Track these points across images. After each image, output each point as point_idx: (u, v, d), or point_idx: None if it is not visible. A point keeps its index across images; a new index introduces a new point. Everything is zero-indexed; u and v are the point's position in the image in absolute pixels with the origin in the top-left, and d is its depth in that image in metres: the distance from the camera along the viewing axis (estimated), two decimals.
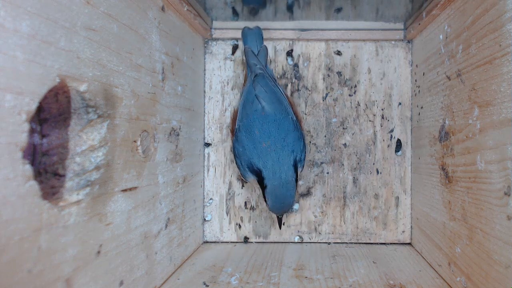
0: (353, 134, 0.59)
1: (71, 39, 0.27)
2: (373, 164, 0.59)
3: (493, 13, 0.33)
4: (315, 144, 0.60)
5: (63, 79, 0.26)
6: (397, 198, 0.59)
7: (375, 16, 0.60)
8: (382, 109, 0.59)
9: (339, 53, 0.60)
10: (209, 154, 0.60)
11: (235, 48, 0.60)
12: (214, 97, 0.60)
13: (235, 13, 0.61)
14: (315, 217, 0.60)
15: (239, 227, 0.60)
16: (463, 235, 0.39)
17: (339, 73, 0.60)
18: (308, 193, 0.60)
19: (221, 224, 0.60)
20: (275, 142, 0.49)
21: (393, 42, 0.59)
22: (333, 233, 0.59)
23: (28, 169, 0.23)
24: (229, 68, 0.60)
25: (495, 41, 0.32)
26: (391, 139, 0.59)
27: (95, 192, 0.30)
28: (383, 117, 0.59)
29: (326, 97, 0.60)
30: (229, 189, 0.60)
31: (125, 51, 0.34)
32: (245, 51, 0.54)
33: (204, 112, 0.60)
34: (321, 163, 0.60)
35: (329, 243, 0.59)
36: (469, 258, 0.38)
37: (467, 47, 0.38)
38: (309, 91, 0.60)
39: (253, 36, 0.56)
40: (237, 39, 0.60)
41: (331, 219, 0.59)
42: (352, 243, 0.59)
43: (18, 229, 0.23)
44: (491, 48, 0.33)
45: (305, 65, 0.60)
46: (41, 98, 0.24)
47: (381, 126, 0.59)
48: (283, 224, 0.58)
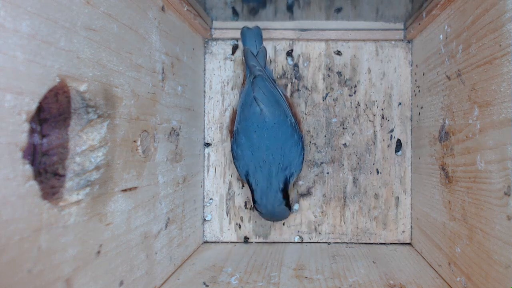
0: (353, 134, 0.59)
1: (71, 39, 0.27)
2: (373, 164, 0.59)
3: (493, 13, 0.33)
4: (315, 144, 0.60)
5: (63, 79, 0.26)
6: (397, 198, 0.59)
7: (375, 16, 0.60)
8: (382, 109, 0.59)
9: (339, 53, 0.60)
10: (209, 154, 0.60)
11: (235, 48, 0.60)
12: (214, 97, 0.60)
13: (235, 13, 0.61)
14: (315, 217, 0.60)
15: (239, 227, 0.60)
16: (463, 235, 0.39)
17: (339, 73, 0.60)
18: (308, 193, 0.60)
19: (221, 224, 0.60)
20: (272, 152, 0.50)
21: (393, 42, 0.59)
22: (333, 233, 0.59)
23: (28, 169, 0.23)
24: (229, 68, 0.60)
25: (495, 41, 0.32)
26: (391, 139, 0.59)
27: (95, 192, 0.30)
28: (383, 117, 0.59)
29: (326, 97, 0.60)
30: (229, 189, 0.60)
31: (125, 51, 0.34)
32: (244, 52, 0.54)
33: (204, 112, 0.60)
34: (321, 163, 0.60)
35: (329, 243, 0.59)
36: (469, 258, 0.38)
37: (467, 47, 0.38)
38: (309, 91, 0.60)
39: (252, 36, 0.55)
40: (237, 39, 0.60)
41: (331, 219, 0.59)
42: (352, 243, 0.59)
43: (18, 229, 0.23)
44: (491, 48, 0.33)
45: (305, 65, 0.60)
46: (41, 98, 0.24)
47: (381, 126, 0.59)
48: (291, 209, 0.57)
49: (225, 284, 0.44)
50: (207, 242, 0.60)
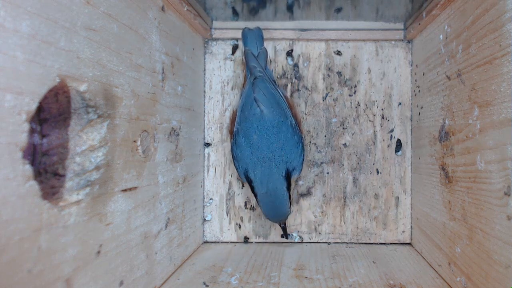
0: (353, 134, 0.59)
1: (71, 39, 0.27)
2: (373, 164, 0.59)
3: (493, 13, 0.33)
4: (315, 144, 0.60)
5: (63, 79, 0.26)
6: (397, 198, 0.59)
7: (375, 16, 0.60)
8: (382, 109, 0.59)
9: (339, 53, 0.60)
10: (209, 154, 0.60)
11: (235, 48, 0.60)
12: (214, 97, 0.60)
13: (235, 13, 0.61)
14: (315, 217, 0.60)
15: (239, 227, 0.60)
16: (463, 235, 0.39)
17: (339, 73, 0.60)
18: (308, 193, 0.60)
19: (221, 224, 0.60)
20: (272, 150, 0.50)
21: (393, 42, 0.59)
22: (333, 233, 0.59)
23: (28, 169, 0.23)
24: (229, 68, 0.60)
25: (495, 41, 0.32)
26: (391, 139, 0.59)
27: (95, 192, 0.30)
28: (383, 117, 0.59)
29: (326, 97, 0.60)
30: (229, 189, 0.60)
31: (125, 51, 0.34)
32: (245, 53, 0.54)
33: (204, 112, 0.60)
34: (321, 163, 0.60)
35: (329, 243, 0.59)
36: (469, 258, 0.38)
37: (467, 47, 0.38)
38: (309, 91, 0.60)
39: (253, 37, 0.55)
40: (237, 39, 0.60)
41: (331, 219, 0.59)
42: (352, 243, 0.59)
43: (18, 229, 0.23)
44: (491, 48, 0.33)
45: (305, 65, 0.60)
46: (41, 98, 0.24)
47: (381, 126, 0.59)
48: (287, 233, 0.55)
49: (225, 284, 0.44)
50: (207, 242, 0.60)
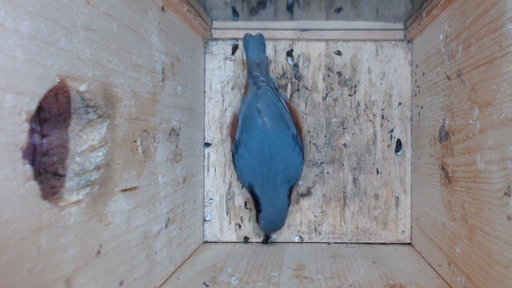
0: (353, 134, 0.59)
1: (71, 39, 0.27)
2: (373, 164, 0.59)
3: (493, 13, 0.33)
4: (315, 144, 0.60)
5: (63, 79, 0.26)
6: (397, 198, 0.59)
7: (375, 16, 0.60)
8: (382, 109, 0.59)
9: (339, 53, 0.60)
10: (209, 154, 0.60)
11: (235, 48, 0.60)
12: (214, 97, 0.60)
13: (235, 13, 0.61)
14: (315, 217, 0.60)
15: (239, 227, 0.60)
16: (463, 235, 0.39)
17: (339, 73, 0.60)
18: (308, 193, 0.60)
19: (221, 224, 0.60)
20: (275, 166, 0.51)
21: (393, 42, 0.59)
22: (333, 233, 0.59)
23: (28, 169, 0.23)
24: (229, 68, 0.60)
25: (495, 41, 0.32)
26: (391, 139, 0.59)
27: (95, 192, 0.30)
28: (383, 117, 0.59)
29: (326, 97, 0.60)
30: (229, 189, 0.60)
31: (125, 51, 0.34)
32: (248, 63, 0.54)
33: (204, 112, 0.60)
34: (321, 163, 0.60)
35: (329, 243, 0.59)
36: (469, 258, 0.38)
37: (467, 47, 0.38)
38: (309, 91, 0.60)
39: (255, 44, 0.55)
40: (237, 39, 0.60)
41: (331, 219, 0.59)
42: (352, 243, 0.59)
43: (18, 229, 0.23)
44: (491, 48, 0.33)
45: (305, 65, 0.60)
46: (41, 98, 0.24)
47: (381, 126, 0.59)
48: (269, 240, 0.60)
49: (225, 284, 0.44)
50: (207, 242, 0.60)
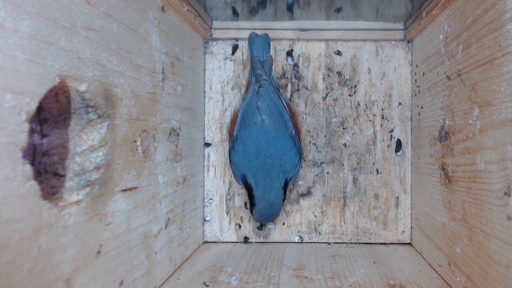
0: (353, 134, 0.59)
1: (71, 39, 0.27)
2: (373, 164, 0.59)
3: (493, 13, 0.33)
4: (315, 144, 0.60)
5: (63, 79, 0.26)
6: (397, 198, 0.59)
7: (375, 16, 0.60)
8: (382, 109, 0.59)
9: (339, 53, 0.60)
10: (209, 154, 0.60)
11: (235, 48, 0.60)
12: (214, 97, 0.60)
13: (235, 13, 0.61)
14: (315, 217, 0.60)
15: (239, 227, 0.60)
16: (463, 235, 0.39)
17: (339, 73, 0.60)
18: (308, 193, 0.60)
19: (221, 224, 0.60)
20: (271, 161, 0.51)
21: (393, 42, 0.59)
22: (333, 233, 0.59)
23: (28, 169, 0.23)
24: (229, 68, 0.60)
25: (495, 41, 0.32)
26: (391, 139, 0.59)
27: (95, 192, 0.30)
28: (383, 117, 0.59)
29: (326, 97, 0.60)
30: (229, 189, 0.60)
31: (125, 51, 0.34)
32: (252, 60, 0.54)
33: (204, 112, 0.60)
34: (321, 163, 0.60)
35: (329, 243, 0.59)
36: (469, 258, 0.38)
37: (467, 47, 0.38)
38: (309, 91, 0.60)
39: (260, 43, 0.55)
40: (237, 39, 0.60)
41: (331, 219, 0.59)
42: (352, 243, 0.59)
43: (18, 229, 0.23)
44: (491, 48, 0.33)
45: (305, 65, 0.60)
46: (41, 98, 0.24)
47: (381, 126, 0.59)
48: (263, 227, 0.60)
49: (225, 284, 0.44)
50: (207, 242, 0.60)
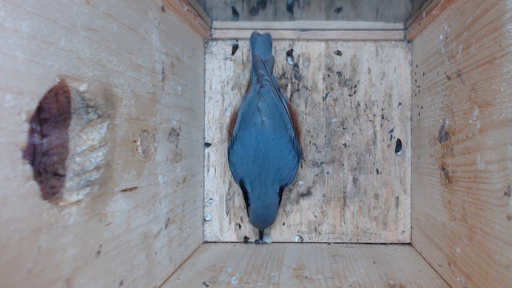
0: (353, 134, 0.59)
1: (71, 39, 0.27)
2: (373, 164, 0.59)
3: (493, 13, 0.33)
4: (315, 144, 0.60)
5: (63, 79, 0.26)
6: (397, 198, 0.59)
7: (375, 16, 0.60)
8: (382, 109, 0.59)
9: (339, 53, 0.60)
10: (209, 154, 0.60)
11: (235, 48, 0.60)
12: (214, 97, 0.60)
13: (235, 13, 0.61)
14: (315, 217, 0.60)
15: (239, 227, 0.60)
16: (463, 235, 0.39)
17: (339, 73, 0.60)
18: (308, 193, 0.60)
19: (221, 224, 0.60)
20: (268, 165, 0.51)
21: (393, 42, 0.59)
22: (333, 233, 0.59)
23: (28, 169, 0.23)
24: (229, 68, 0.60)
25: (495, 41, 0.32)
26: (391, 139, 0.59)
27: (95, 192, 0.30)
28: (383, 117, 0.59)
29: (326, 97, 0.60)
30: (229, 189, 0.60)
31: (125, 51, 0.34)
32: (254, 60, 0.53)
33: (204, 112, 0.60)
34: (321, 163, 0.60)
35: (329, 243, 0.59)
36: (469, 258, 0.38)
37: (467, 47, 0.38)
38: (309, 91, 0.60)
39: (262, 43, 0.55)
40: (237, 39, 0.60)
41: (331, 219, 0.59)
42: (352, 243, 0.59)
43: (18, 229, 0.23)
44: (491, 48, 0.33)
45: (305, 65, 0.60)
46: (41, 98, 0.24)
47: (381, 126, 0.59)
48: (262, 237, 0.59)
49: (225, 284, 0.44)
50: (207, 242, 0.60)
